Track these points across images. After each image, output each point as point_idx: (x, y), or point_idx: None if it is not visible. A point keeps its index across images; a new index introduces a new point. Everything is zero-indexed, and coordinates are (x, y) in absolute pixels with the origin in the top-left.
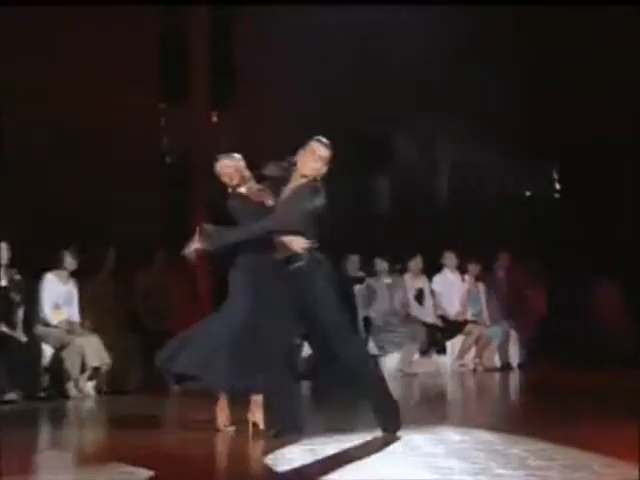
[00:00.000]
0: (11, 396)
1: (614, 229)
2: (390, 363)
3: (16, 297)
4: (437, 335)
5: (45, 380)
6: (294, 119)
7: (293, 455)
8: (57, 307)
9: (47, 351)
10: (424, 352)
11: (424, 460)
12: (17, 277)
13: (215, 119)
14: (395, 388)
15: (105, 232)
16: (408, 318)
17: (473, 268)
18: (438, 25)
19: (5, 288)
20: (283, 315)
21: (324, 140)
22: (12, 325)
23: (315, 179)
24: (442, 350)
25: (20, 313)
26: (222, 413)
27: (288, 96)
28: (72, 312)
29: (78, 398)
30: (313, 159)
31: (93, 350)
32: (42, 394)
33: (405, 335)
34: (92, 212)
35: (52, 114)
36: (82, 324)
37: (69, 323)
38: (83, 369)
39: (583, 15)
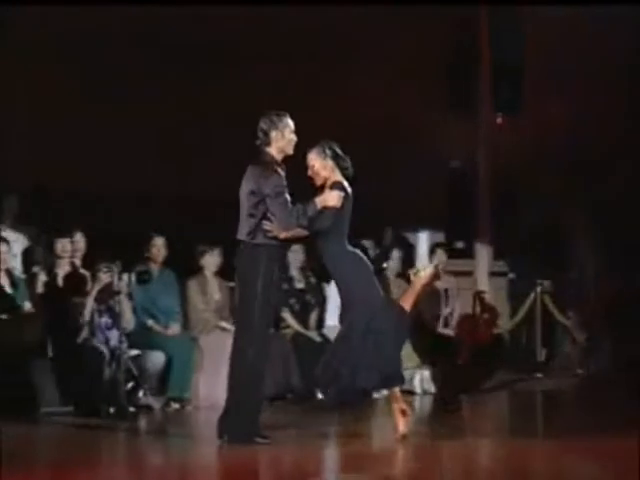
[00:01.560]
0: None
1: None
2: None
3: (311, 299)
4: None
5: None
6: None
7: None
8: None
9: None
10: None
11: None
12: (313, 280)
13: (500, 121)
14: None
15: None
16: None
17: None
18: None
19: (301, 290)
20: None
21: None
22: (306, 326)
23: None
24: None
25: (314, 315)
26: None
27: (576, 98)
28: None
29: None
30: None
31: None
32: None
33: None
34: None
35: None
36: None
37: None
38: None
39: None
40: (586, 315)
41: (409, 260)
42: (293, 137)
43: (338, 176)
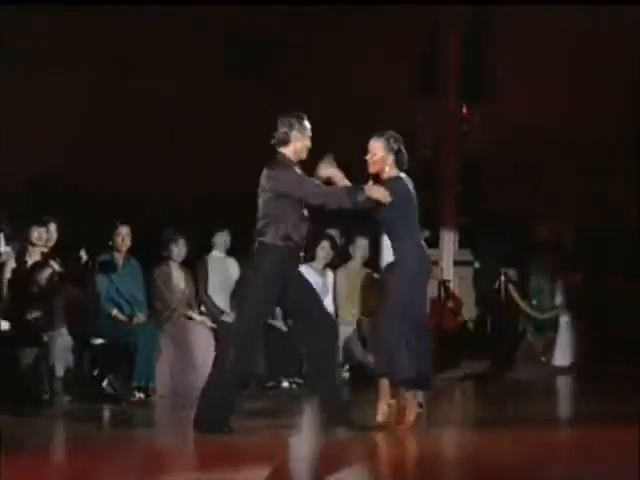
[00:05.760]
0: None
1: None
2: None
3: None
4: None
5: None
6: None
7: None
8: None
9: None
10: None
11: None
12: None
13: (465, 111)
14: None
15: None
16: None
17: None
18: None
19: None
20: None
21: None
22: (273, 315)
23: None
24: None
25: None
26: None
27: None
28: (326, 303)
29: None
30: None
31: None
32: (299, 381)
33: None
34: None
35: None
36: (338, 315)
37: None
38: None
39: None
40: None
41: (374, 248)
42: (309, 143)
43: (395, 170)
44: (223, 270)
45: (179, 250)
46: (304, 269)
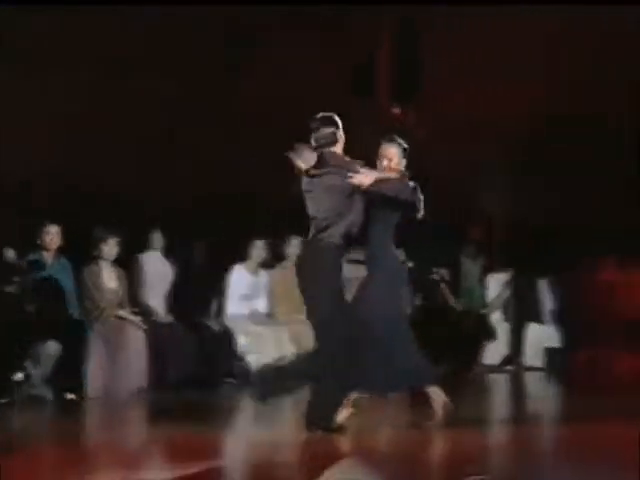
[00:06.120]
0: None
1: None
2: None
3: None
4: None
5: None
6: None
7: None
8: (245, 298)
9: (241, 340)
10: None
11: None
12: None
13: (398, 112)
14: None
15: None
16: None
17: None
18: None
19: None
20: None
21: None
22: (207, 314)
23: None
24: None
25: (214, 303)
26: None
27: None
28: (260, 303)
29: None
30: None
31: (277, 341)
32: (232, 380)
33: None
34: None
35: None
36: (271, 315)
37: (257, 314)
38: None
39: None
40: None
41: None
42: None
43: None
44: (158, 270)
45: (109, 249)
46: (237, 269)
